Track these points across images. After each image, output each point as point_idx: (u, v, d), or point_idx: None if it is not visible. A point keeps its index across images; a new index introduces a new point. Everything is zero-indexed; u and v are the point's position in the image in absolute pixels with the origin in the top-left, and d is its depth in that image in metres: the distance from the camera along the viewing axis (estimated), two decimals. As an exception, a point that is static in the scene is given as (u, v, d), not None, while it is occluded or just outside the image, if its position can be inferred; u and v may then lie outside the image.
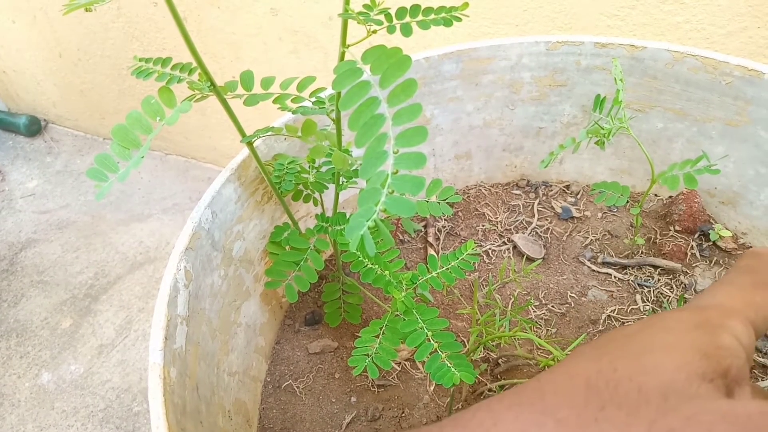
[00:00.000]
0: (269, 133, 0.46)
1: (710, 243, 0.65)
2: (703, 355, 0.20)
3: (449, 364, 0.43)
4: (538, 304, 0.62)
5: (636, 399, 0.18)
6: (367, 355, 0.46)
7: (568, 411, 0.19)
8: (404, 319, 0.46)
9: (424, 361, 0.55)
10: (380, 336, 0.47)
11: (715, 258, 0.64)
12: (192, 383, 0.42)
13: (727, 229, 0.66)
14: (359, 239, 0.26)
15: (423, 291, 0.49)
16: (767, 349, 0.55)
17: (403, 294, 0.46)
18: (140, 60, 0.41)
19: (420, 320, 0.45)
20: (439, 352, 0.43)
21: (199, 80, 0.40)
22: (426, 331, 0.45)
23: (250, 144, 0.46)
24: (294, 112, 0.44)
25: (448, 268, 0.49)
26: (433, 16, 0.37)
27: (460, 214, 0.73)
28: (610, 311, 0.60)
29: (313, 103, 0.46)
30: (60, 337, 1.24)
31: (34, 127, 1.84)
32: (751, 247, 0.65)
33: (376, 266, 0.49)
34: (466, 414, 0.21)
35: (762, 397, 0.24)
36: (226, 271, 0.52)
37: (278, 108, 0.44)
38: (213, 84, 0.40)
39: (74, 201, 1.59)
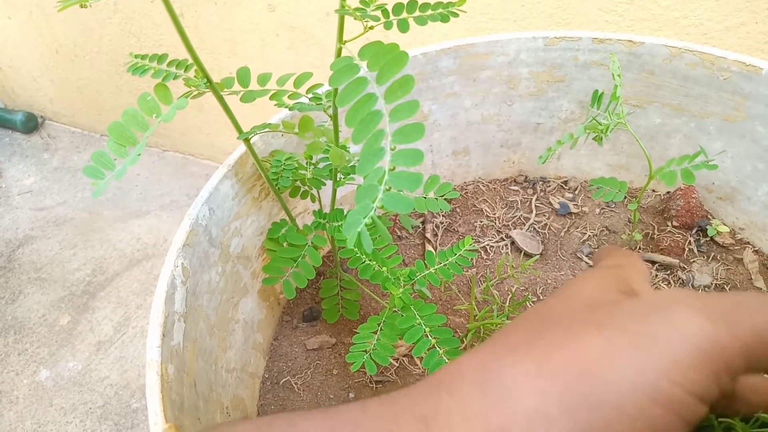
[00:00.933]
0: (266, 129, 0.46)
1: (708, 238, 0.65)
2: (615, 277, 0.26)
3: (447, 360, 0.43)
4: (535, 300, 0.62)
5: (569, 314, 0.23)
6: (365, 351, 0.46)
7: (516, 338, 0.23)
8: (402, 315, 0.46)
9: (422, 357, 0.55)
10: (378, 332, 0.47)
11: (713, 253, 0.64)
12: (190, 380, 0.42)
13: (724, 224, 0.66)
14: (356, 236, 0.26)
15: (421, 287, 0.49)
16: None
17: (401, 290, 0.46)
18: (136, 57, 0.41)
19: (418, 316, 0.45)
20: (437, 348, 0.44)
21: (195, 77, 0.40)
22: (424, 327, 0.45)
23: (247, 141, 0.46)
24: (291, 109, 0.44)
25: (445, 265, 0.49)
26: (430, 11, 0.37)
27: (458, 210, 0.73)
28: (608, 307, 0.60)
29: (310, 99, 0.46)
30: (58, 334, 1.24)
31: (31, 124, 1.83)
32: (749, 242, 0.65)
33: (374, 262, 0.49)
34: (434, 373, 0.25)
35: None
36: (223, 267, 0.52)
37: (275, 105, 0.44)
38: (209, 80, 0.40)
39: (71, 198, 1.59)
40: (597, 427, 0.18)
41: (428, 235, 0.70)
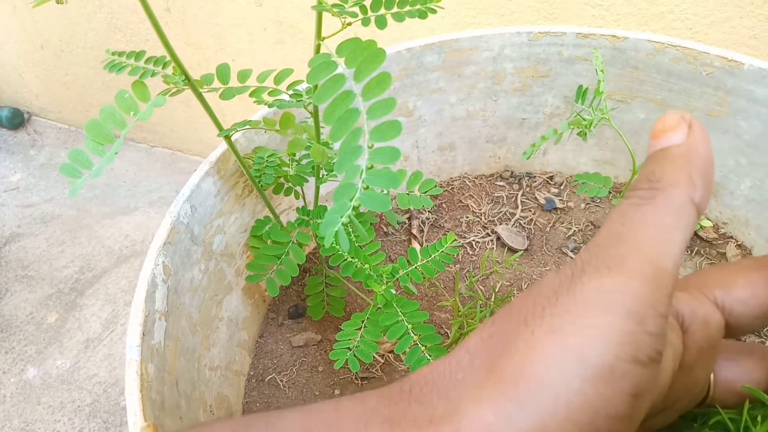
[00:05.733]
0: (246, 126, 0.45)
1: (691, 233, 0.66)
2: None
3: (429, 357, 0.43)
4: (521, 295, 0.62)
5: (518, 312, 0.22)
6: (349, 348, 0.46)
7: (476, 344, 0.22)
8: (385, 312, 0.46)
9: (405, 353, 0.55)
10: (362, 329, 0.47)
11: (696, 248, 0.65)
12: (171, 379, 0.42)
13: (708, 219, 0.67)
14: (334, 235, 0.26)
15: (405, 283, 0.49)
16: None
17: (383, 287, 0.46)
18: (113, 54, 0.41)
19: (400, 313, 0.45)
20: (419, 345, 0.44)
21: (173, 73, 0.39)
22: (406, 323, 0.45)
23: (227, 138, 0.45)
24: (270, 106, 0.44)
25: (428, 261, 0.49)
26: (408, 8, 0.37)
27: (444, 205, 0.73)
28: (592, 302, 0.60)
29: (290, 95, 0.45)
30: (46, 332, 1.23)
31: (17, 120, 1.81)
32: (732, 237, 0.65)
33: (356, 260, 0.49)
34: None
35: None
36: (206, 265, 0.51)
37: (254, 102, 0.44)
38: (187, 77, 0.39)
39: (59, 194, 1.58)
40: (536, 429, 0.18)
41: (414, 231, 0.70)
